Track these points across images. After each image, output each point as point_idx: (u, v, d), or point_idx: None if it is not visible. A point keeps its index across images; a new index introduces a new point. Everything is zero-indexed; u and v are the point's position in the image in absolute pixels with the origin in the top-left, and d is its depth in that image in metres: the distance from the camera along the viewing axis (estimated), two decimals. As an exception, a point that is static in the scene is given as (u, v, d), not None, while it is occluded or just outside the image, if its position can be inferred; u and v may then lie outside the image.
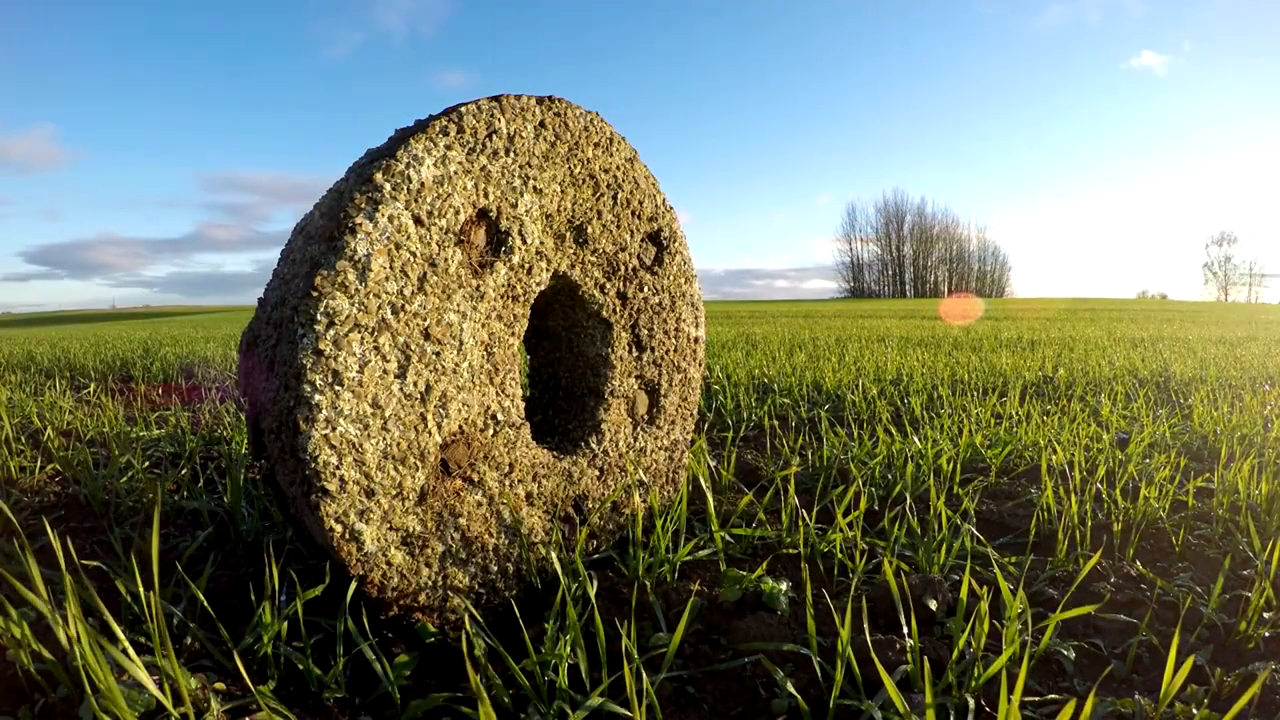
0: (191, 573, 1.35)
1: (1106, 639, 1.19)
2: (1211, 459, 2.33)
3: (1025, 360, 4.85)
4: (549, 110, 1.27)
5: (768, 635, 1.15)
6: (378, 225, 1.03)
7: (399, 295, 1.06)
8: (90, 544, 1.54)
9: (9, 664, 0.95)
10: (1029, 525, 1.65)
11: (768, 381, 3.81)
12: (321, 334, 0.98)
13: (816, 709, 0.99)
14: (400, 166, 1.05)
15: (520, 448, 1.26)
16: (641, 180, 1.49)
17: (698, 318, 1.67)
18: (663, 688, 1.02)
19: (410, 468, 1.08)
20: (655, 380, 1.56)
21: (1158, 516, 1.71)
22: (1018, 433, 2.47)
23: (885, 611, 1.23)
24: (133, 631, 1.09)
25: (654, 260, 1.55)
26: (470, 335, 1.16)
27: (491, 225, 1.20)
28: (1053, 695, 1.03)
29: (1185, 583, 1.38)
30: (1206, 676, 1.07)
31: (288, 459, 1.01)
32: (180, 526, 1.64)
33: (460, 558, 1.15)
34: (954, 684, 1.00)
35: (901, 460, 2.03)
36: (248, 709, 0.91)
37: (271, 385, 1.03)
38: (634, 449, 1.52)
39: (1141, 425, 2.68)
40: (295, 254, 1.08)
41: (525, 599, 1.25)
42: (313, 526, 1.04)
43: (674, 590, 1.29)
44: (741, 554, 1.49)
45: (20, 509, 1.72)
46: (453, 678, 1.06)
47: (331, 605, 1.16)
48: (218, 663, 1.02)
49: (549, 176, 1.27)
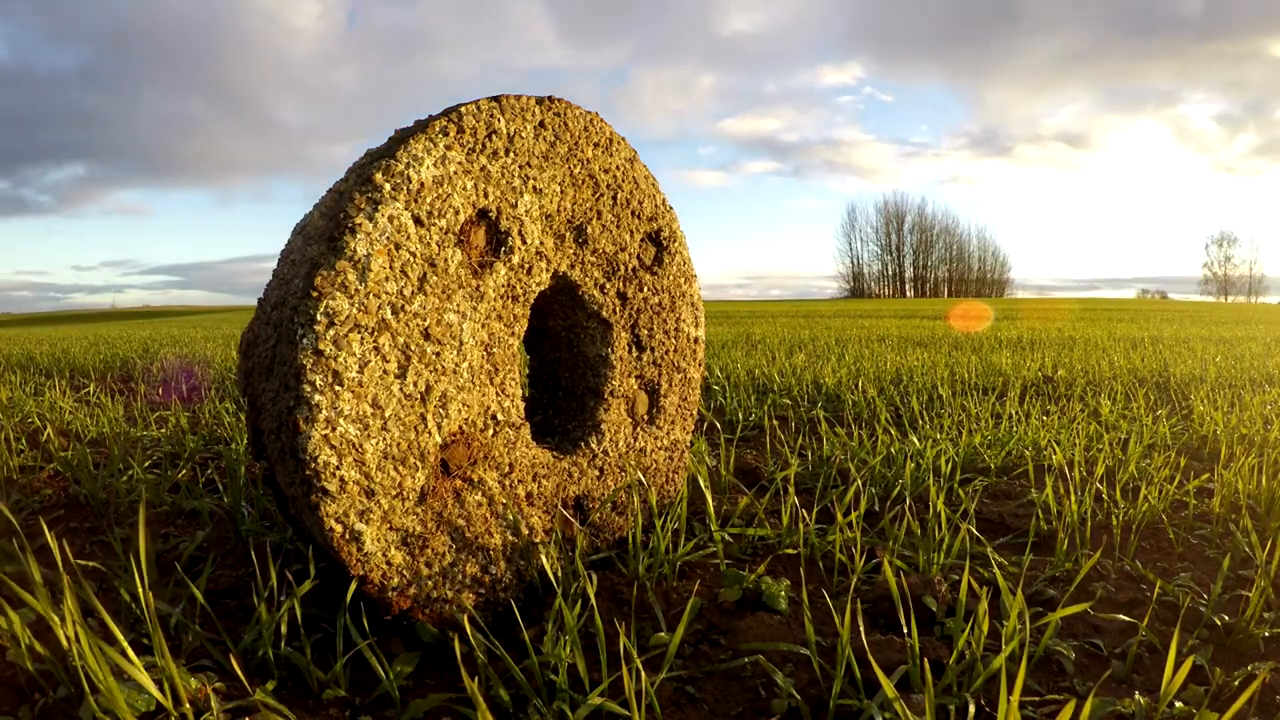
0: (191, 573, 1.35)
1: (1106, 639, 1.19)
2: (1211, 459, 2.33)
3: (1025, 360, 4.85)
4: (549, 110, 1.27)
5: (768, 635, 1.15)
6: (378, 225, 1.03)
7: (399, 295, 1.06)
8: (90, 544, 1.54)
9: (9, 664, 0.95)
10: (1029, 525, 1.65)
11: (767, 381, 3.81)
12: (321, 334, 0.98)
13: (816, 709, 0.99)
14: (400, 167, 1.05)
15: (520, 448, 1.26)
16: (641, 180, 1.49)
17: (697, 318, 1.67)
18: (663, 688, 1.02)
19: (410, 468, 1.08)
20: (655, 380, 1.56)
21: (1158, 516, 1.71)
22: (1017, 432, 2.47)
23: (885, 611, 1.23)
24: (133, 632, 1.09)
25: (654, 260, 1.55)
26: (470, 335, 1.16)
27: (491, 225, 1.20)
28: (1053, 695, 1.03)
29: (1185, 583, 1.38)
30: (1206, 676, 1.07)
31: (288, 459, 1.01)
32: (180, 526, 1.64)
33: (460, 558, 1.15)
34: (954, 684, 1.00)
35: (901, 460, 2.03)
36: (248, 709, 0.91)
37: (271, 385, 1.03)
38: (634, 449, 1.52)
39: (1141, 425, 2.68)
40: (295, 254, 1.08)
41: (525, 599, 1.25)
42: (313, 527, 1.04)
43: (674, 590, 1.29)
44: (741, 554, 1.49)
45: (20, 509, 1.72)
46: (453, 678, 1.06)
47: (331, 605, 1.16)
48: (218, 663, 1.02)
49: (549, 177, 1.27)
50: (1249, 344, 6.44)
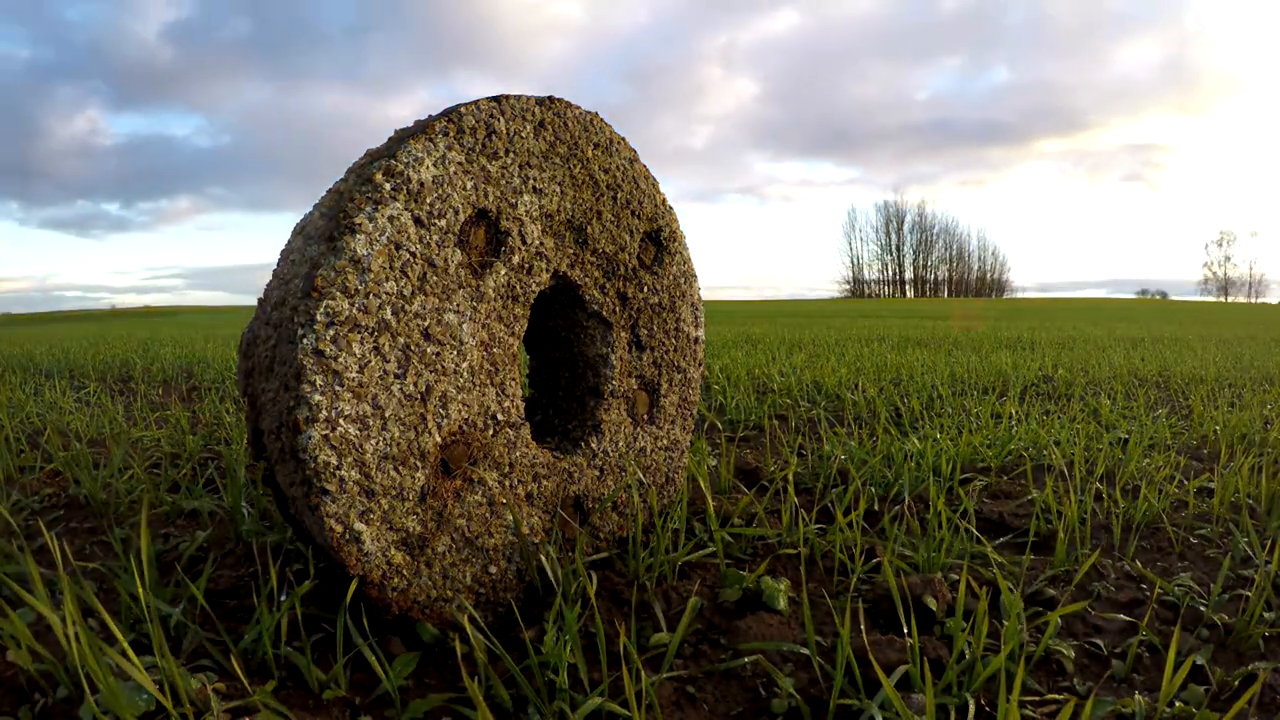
0: (191, 573, 1.35)
1: (1106, 639, 1.19)
2: (1211, 458, 2.33)
3: (1025, 360, 4.85)
4: (549, 110, 1.27)
5: (768, 635, 1.15)
6: (378, 225, 1.03)
7: (399, 296, 1.06)
8: (90, 544, 1.54)
9: (9, 664, 0.95)
10: (1029, 525, 1.65)
11: (767, 380, 3.81)
12: (321, 334, 0.98)
13: (816, 709, 0.99)
14: (400, 167, 1.05)
15: (520, 448, 1.26)
16: (641, 180, 1.49)
17: (697, 318, 1.67)
18: (663, 688, 1.02)
19: (410, 468, 1.08)
20: (655, 380, 1.56)
21: (1158, 516, 1.71)
22: (1017, 432, 2.47)
23: (885, 611, 1.23)
24: (132, 632, 1.09)
25: (654, 260, 1.55)
26: (470, 335, 1.16)
27: (491, 226, 1.20)
28: (1053, 695, 1.03)
29: (1185, 582, 1.38)
30: (1207, 676, 1.07)
31: (288, 459, 1.01)
32: (180, 526, 1.64)
33: (460, 558, 1.15)
34: (954, 684, 1.00)
35: (901, 459, 2.03)
36: (248, 709, 0.91)
37: (271, 385, 1.03)
38: (634, 449, 1.52)
39: (1141, 424, 2.68)
40: (295, 254, 1.08)
41: (525, 599, 1.25)
42: (313, 527, 1.04)
43: (674, 590, 1.30)
44: (741, 554, 1.49)
45: (20, 509, 1.72)
46: (453, 678, 1.06)
47: (331, 605, 1.16)
48: (218, 663, 1.02)
49: (549, 177, 1.27)
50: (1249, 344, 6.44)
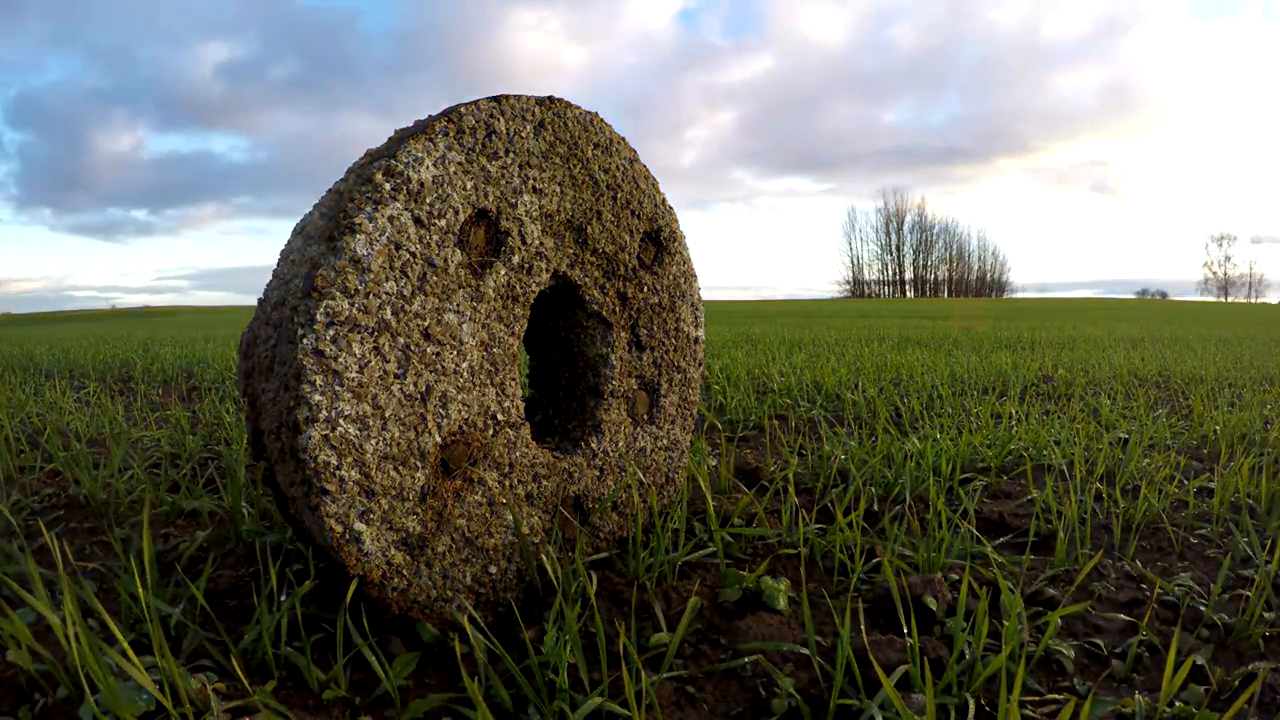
0: (191, 573, 1.35)
1: (1106, 639, 1.19)
2: (1211, 458, 2.33)
3: (1025, 360, 4.85)
4: (548, 110, 1.27)
5: (768, 635, 1.15)
6: (378, 225, 1.03)
7: (399, 296, 1.06)
8: (90, 544, 1.54)
9: (9, 664, 0.95)
10: (1029, 525, 1.65)
11: (767, 380, 3.81)
12: (321, 334, 0.98)
13: (816, 709, 0.99)
14: (400, 167, 1.05)
15: (520, 448, 1.26)
16: (641, 180, 1.49)
17: (698, 318, 1.67)
18: (663, 688, 1.02)
19: (410, 468, 1.08)
20: (655, 380, 1.56)
21: (1158, 516, 1.71)
22: (1017, 432, 2.47)
23: (885, 611, 1.23)
24: (132, 632, 1.09)
25: (654, 260, 1.55)
26: (470, 336, 1.16)
27: (491, 226, 1.20)
28: (1053, 695, 1.03)
29: (1185, 582, 1.38)
30: (1207, 676, 1.07)
31: (288, 459, 1.01)
32: (180, 526, 1.64)
33: (460, 558, 1.15)
34: (954, 684, 1.00)
35: (901, 459, 2.03)
36: (248, 709, 0.91)
37: (271, 385, 1.03)
38: (634, 449, 1.52)
39: (1141, 424, 2.68)
40: (294, 254, 1.08)
41: (525, 599, 1.25)
42: (313, 527, 1.04)
43: (674, 590, 1.30)
44: (741, 554, 1.49)
45: (20, 509, 1.72)
46: (453, 678, 1.06)
47: (331, 605, 1.16)
48: (218, 663, 1.02)
49: (549, 177, 1.27)
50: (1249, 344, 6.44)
